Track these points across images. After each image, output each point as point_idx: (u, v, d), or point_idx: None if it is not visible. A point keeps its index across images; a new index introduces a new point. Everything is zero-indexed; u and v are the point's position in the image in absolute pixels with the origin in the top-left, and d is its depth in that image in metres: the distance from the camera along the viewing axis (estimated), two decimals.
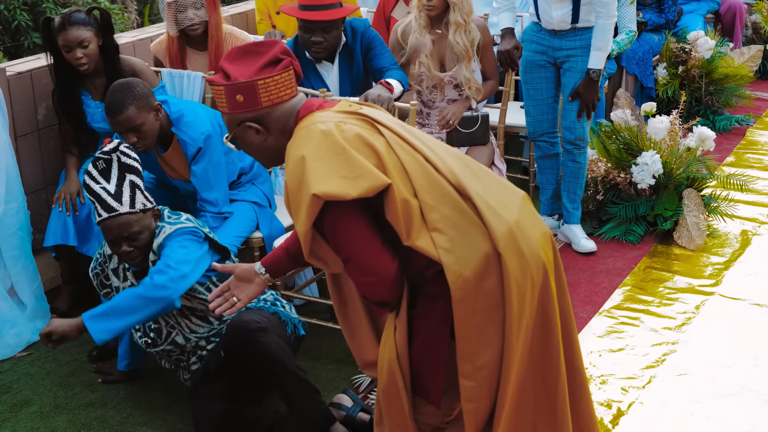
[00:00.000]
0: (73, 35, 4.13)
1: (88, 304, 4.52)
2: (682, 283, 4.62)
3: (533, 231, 2.56)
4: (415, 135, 2.60)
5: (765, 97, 7.59)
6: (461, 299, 2.45)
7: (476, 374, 2.52)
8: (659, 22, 6.69)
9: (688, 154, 5.18)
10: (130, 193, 3.35)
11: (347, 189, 2.38)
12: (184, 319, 3.49)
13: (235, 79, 2.54)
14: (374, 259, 2.46)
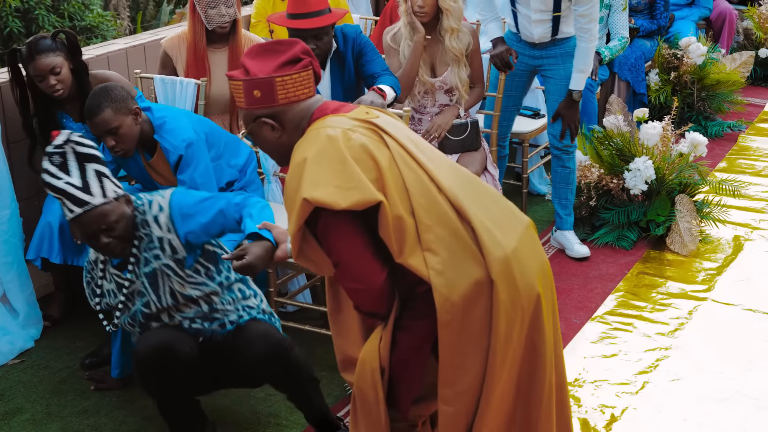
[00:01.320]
0: (43, 64, 4.06)
1: (82, 311, 4.53)
2: (675, 289, 4.63)
3: (531, 261, 2.55)
4: (423, 150, 2.60)
5: (757, 102, 7.61)
6: (447, 323, 2.45)
7: (456, 400, 2.53)
8: (651, 28, 6.71)
9: (681, 160, 5.20)
10: (98, 183, 3.17)
11: (337, 199, 2.39)
12: (173, 301, 3.36)
13: (254, 74, 2.56)
14: (363, 268, 2.47)
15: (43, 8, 8.07)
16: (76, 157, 3.17)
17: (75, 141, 3.17)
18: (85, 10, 8.39)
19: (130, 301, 3.37)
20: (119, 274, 3.35)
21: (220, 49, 4.66)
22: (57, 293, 4.53)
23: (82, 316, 4.51)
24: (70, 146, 3.16)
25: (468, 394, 2.52)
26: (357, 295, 2.52)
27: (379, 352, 2.57)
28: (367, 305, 2.54)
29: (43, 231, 4.20)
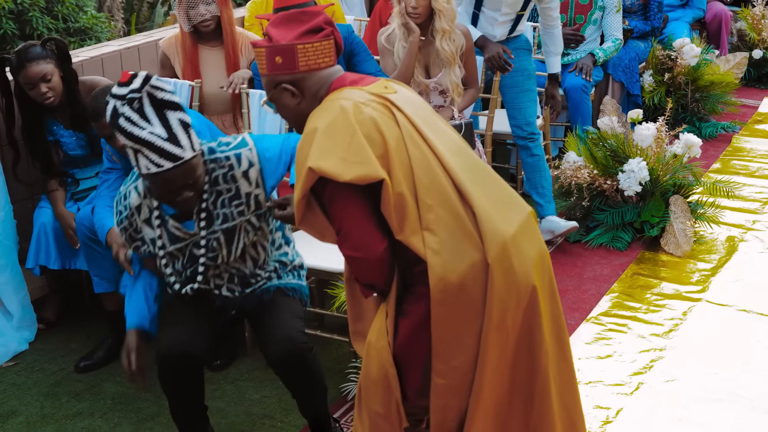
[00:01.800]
0: (34, 71, 4.02)
1: (76, 314, 4.53)
2: (670, 290, 4.63)
3: (530, 249, 2.58)
4: (434, 130, 2.63)
5: (750, 104, 7.62)
6: (440, 301, 2.50)
7: (449, 373, 2.57)
8: (645, 29, 6.72)
9: (675, 161, 5.20)
10: (185, 134, 2.94)
11: (341, 171, 2.44)
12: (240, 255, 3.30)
13: (276, 41, 2.62)
14: (364, 236, 2.51)
15: (36, 10, 8.03)
16: (155, 104, 2.92)
17: (153, 85, 2.90)
18: (79, 11, 8.35)
19: (182, 252, 3.23)
20: (179, 227, 3.18)
21: (214, 47, 4.66)
22: (51, 296, 4.52)
23: (76, 319, 4.51)
24: (147, 90, 2.90)
25: (462, 369, 2.56)
26: (356, 264, 2.56)
27: (387, 329, 2.62)
28: (366, 275, 2.58)
29: (39, 238, 4.21)
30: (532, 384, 2.63)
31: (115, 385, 3.98)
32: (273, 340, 3.24)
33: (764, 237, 5.17)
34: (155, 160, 2.89)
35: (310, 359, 3.28)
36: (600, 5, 6.06)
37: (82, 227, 4.07)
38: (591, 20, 6.11)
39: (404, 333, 2.61)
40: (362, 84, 2.66)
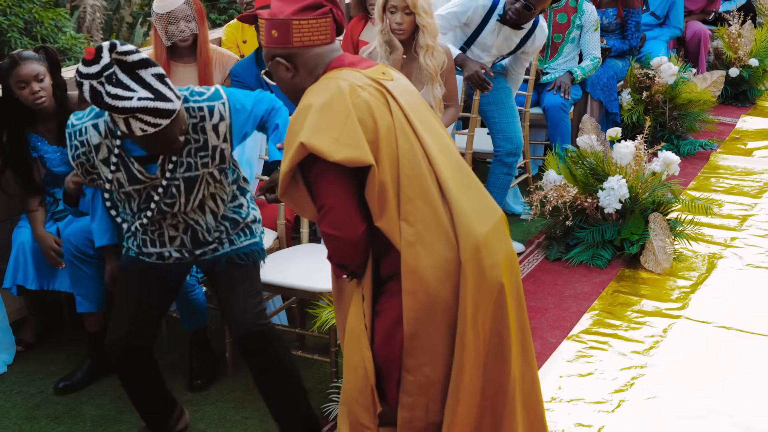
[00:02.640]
0: (27, 69, 4.02)
1: (56, 335, 4.49)
2: (650, 307, 4.65)
3: (499, 250, 2.63)
4: (425, 124, 2.66)
5: (727, 121, 7.68)
6: (412, 292, 2.54)
7: (417, 370, 2.60)
8: (623, 48, 6.77)
9: (654, 179, 5.23)
10: (166, 86, 2.99)
11: (331, 150, 2.47)
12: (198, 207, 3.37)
13: (273, 14, 2.65)
14: (344, 216, 2.55)
15: (15, 31, 8.04)
16: (127, 70, 2.95)
17: (119, 52, 2.92)
18: (58, 32, 8.36)
19: (139, 194, 3.27)
20: (142, 170, 3.23)
21: (188, 64, 4.67)
22: (30, 317, 4.48)
23: (55, 341, 4.48)
24: (114, 58, 2.93)
25: (430, 366, 2.60)
26: (332, 242, 2.60)
27: (363, 311, 2.65)
28: (340, 255, 2.62)
29: (17, 258, 4.17)
30: (501, 390, 2.66)
31: (95, 408, 3.95)
32: (233, 323, 3.39)
33: (743, 254, 5.20)
34: (151, 121, 2.96)
35: (273, 340, 3.36)
36: (578, 24, 6.11)
37: (69, 245, 4.03)
38: (569, 39, 6.15)
39: (381, 332, 2.64)
40: (361, 66, 2.68)
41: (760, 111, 8.04)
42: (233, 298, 3.43)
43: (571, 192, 5.20)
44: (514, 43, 5.23)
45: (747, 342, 4.27)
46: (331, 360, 3.87)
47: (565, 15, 6.11)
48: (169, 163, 3.22)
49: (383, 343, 2.65)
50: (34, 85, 4.03)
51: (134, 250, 3.47)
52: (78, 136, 3.24)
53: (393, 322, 2.61)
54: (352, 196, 2.55)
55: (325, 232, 2.59)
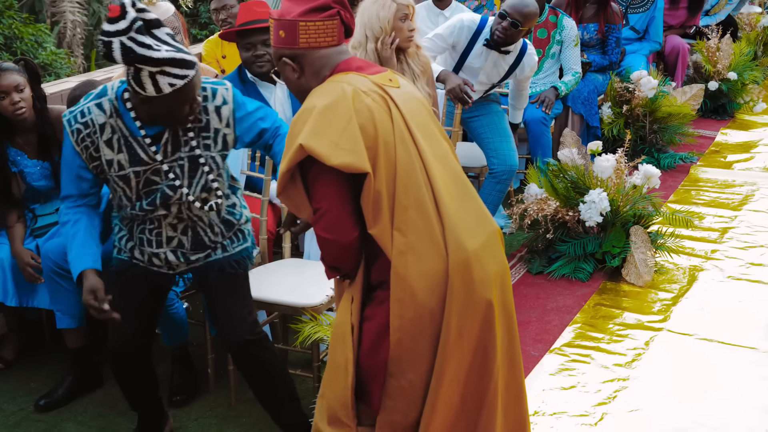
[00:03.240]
0: (8, 80, 4.01)
1: (36, 353, 4.46)
2: (632, 320, 4.66)
3: (491, 266, 2.65)
4: (425, 133, 2.68)
5: (707, 134, 7.73)
6: (399, 299, 2.57)
7: (401, 375, 2.63)
8: (603, 63, 6.81)
9: (634, 192, 5.25)
10: (179, 43, 3.03)
11: (329, 154, 2.49)
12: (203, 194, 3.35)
13: (281, 15, 2.66)
14: (338, 220, 2.57)
15: None
16: (149, 28, 2.96)
17: (140, 8, 2.94)
18: (38, 48, 8.31)
19: (139, 177, 3.24)
20: (146, 148, 3.20)
21: None
22: (10, 334, 4.45)
23: (36, 358, 4.45)
24: (141, 17, 2.94)
25: (410, 374, 2.62)
26: (326, 245, 2.62)
27: (350, 311, 2.68)
28: (332, 257, 2.64)
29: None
30: (480, 402, 2.69)
31: (76, 425, 3.92)
32: (225, 334, 3.43)
33: (724, 266, 5.23)
34: (179, 73, 2.96)
35: (262, 348, 3.42)
36: (558, 39, 6.14)
37: (48, 260, 4.00)
38: (549, 54, 6.18)
39: (368, 339, 2.67)
40: (368, 71, 2.69)
41: (739, 124, 8.10)
42: (226, 308, 3.45)
43: (552, 205, 5.22)
44: (503, 70, 5.29)
45: (729, 354, 4.29)
46: (314, 375, 3.86)
47: (545, 30, 6.14)
48: (172, 143, 3.21)
49: (370, 349, 2.67)
50: (14, 96, 4.02)
51: (126, 252, 3.43)
52: (80, 118, 3.18)
53: (381, 330, 2.63)
54: (348, 200, 2.57)
55: (319, 234, 2.61)
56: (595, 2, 6.75)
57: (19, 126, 4.10)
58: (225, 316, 3.45)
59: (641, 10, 7.58)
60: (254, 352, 3.43)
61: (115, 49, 2.91)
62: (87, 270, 3.22)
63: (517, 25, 4.98)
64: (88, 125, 3.18)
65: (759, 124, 8.08)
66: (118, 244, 3.45)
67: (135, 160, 3.21)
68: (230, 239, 3.50)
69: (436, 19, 6.16)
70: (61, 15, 12.91)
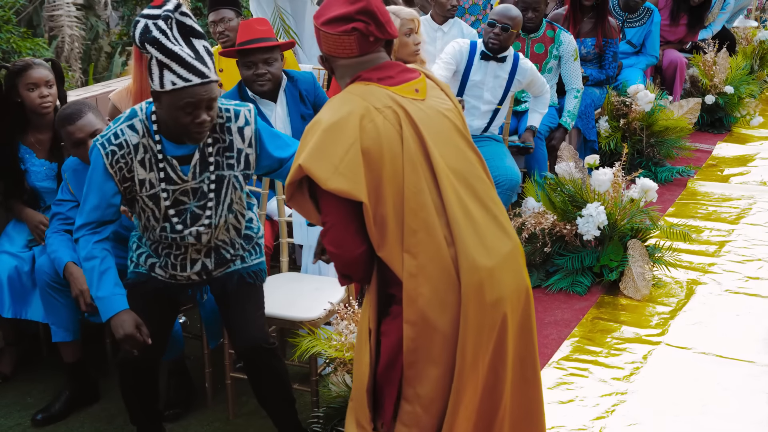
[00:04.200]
0: (39, 74, 4.16)
1: (33, 366, 4.45)
2: (629, 333, 4.66)
3: (507, 281, 2.62)
4: (447, 149, 2.64)
5: (704, 148, 7.74)
6: (412, 322, 2.56)
7: (416, 400, 2.61)
8: (600, 78, 6.82)
9: (632, 206, 5.26)
10: (210, 59, 3.13)
11: (327, 178, 2.49)
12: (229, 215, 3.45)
13: (315, 17, 2.69)
14: (344, 236, 2.58)
15: None
16: (182, 30, 3.10)
17: (183, 12, 3.09)
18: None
19: (169, 196, 3.30)
20: (177, 168, 3.29)
21: None
22: (7, 348, 4.44)
23: (33, 372, 4.44)
24: (177, 16, 3.08)
25: (425, 399, 2.61)
26: (333, 257, 2.64)
27: (368, 316, 2.71)
28: (340, 267, 2.66)
29: None
30: (490, 423, 2.68)
31: None
32: (240, 339, 3.46)
33: (721, 279, 5.23)
34: (183, 74, 3.03)
35: (274, 357, 3.47)
36: (555, 54, 6.16)
37: (43, 274, 4.00)
38: (546, 69, 6.19)
39: (385, 355, 2.67)
40: (393, 82, 2.66)
41: (736, 138, 8.11)
42: (243, 315, 3.51)
43: (550, 219, 5.22)
44: (504, 80, 5.38)
45: (727, 368, 4.29)
46: (311, 389, 3.86)
47: (542, 45, 6.16)
48: (200, 163, 3.29)
49: (386, 366, 2.68)
50: (44, 90, 4.15)
51: (145, 267, 3.51)
52: (113, 140, 3.24)
53: (394, 347, 2.64)
54: (353, 217, 2.56)
55: (327, 247, 2.63)
56: (593, 17, 6.77)
57: (38, 122, 4.20)
58: (241, 323, 3.50)
59: (638, 24, 7.61)
60: (267, 360, 3.47)
61: (138, 27, 3.05)
62: (124, 310, 3.28)
63: (507, 28, 5.28)
64: (122, 146, 3.24)
65: (756, 137, 8.10)
66: (136, 259, 3.53)
67: (165, 179, 3.29)
68: (249, 252, 3.60)
69: (434, 34, 6.18)
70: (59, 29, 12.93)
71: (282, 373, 3.54)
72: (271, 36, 4.48)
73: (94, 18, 14.73)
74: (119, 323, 3.23)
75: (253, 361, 3.49)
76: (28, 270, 4.15)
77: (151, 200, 3.30)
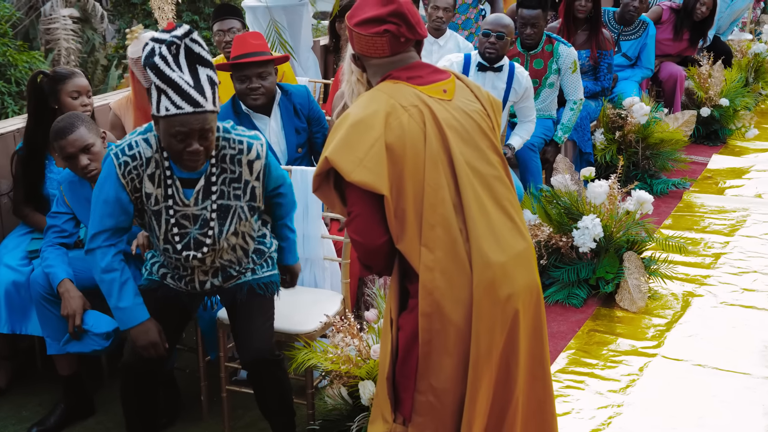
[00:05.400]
0: (83, 82, 4.25)
1: (28, 380, 4.44)
2: (626, 345, 4.66)
3: (520, 279, 2.70)
4: (468, 150, 2.71)
5: (700, 160, 7.76)
6: (428, 314, 2.63)
7: (429, 392, 2.68)
8: (595, 89, 6.84)
9: (628, 218, 5.26)
10: (211, 90, 3.12)
11: (351, 170, 2.57)
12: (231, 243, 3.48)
13: (348, 17, 2.76)
14: (368, 225, 2.64)
15: None
16: (189, 56, 3.10)
17: (193, 38, 3.11)
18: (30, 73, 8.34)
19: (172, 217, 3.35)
20: (180, 191, 3.33)
21: None
22: (2, 361, 4.43)
23: (28, 385, 4.42)
24: (186, 42, 3.10)
25: (439, 392, 2.67)
26: (356, 246, 2.70)
27: (390, 306, 2.78)
28: (363, 257, 2.73)
29: None
30: (502, 416, 2.75)
31: None
32: (246, 350, 3.47)
33: (717, 291, 5.23)
34: (177, 101, 3.05)
35: (279, 369, 3.50)
36: (555, 69, 6.17)
37: (37, 286, 3.99)
38: (546, 84, 6.21)
39: (402, 348, 2.73)
40: (423, 81, 2.75)
41: (731, 150, 8.13)
42: (251, 325, 3.53)
43: (546, 231, 5.23)
44: (502, 90, 5.40)
45: (723, 380, 4.29)
46: (307, 402, 3.85)
47: (541, 61, 6.17)
48: (204, 190, 3.32)
49: (403, 358, 2.73)
50: (85, 98, 4.24)
51: (157, 275, 3.56)
52: (127, 151, 3.27)
53: (410, 339, 2.70)
54: (377, 208, 2.63)
55: (351, 236, 2.69)
56: (587, 29, 6.79)
57: None
58: (249, 333, 3.51)
59: (633, 37, 7.63)
60: (273, 371, 3.49)
61: (146, 49, 3.10)
62: (148, 319, 3.38)
63: (502, 36, 5.35)
64: (135, 158, 3.27)
65: (751, 150, 8.12)
66: (149, 267, 3.58)
67: (169, 198, 3.32)
68: (260, 265, 3.62)
69: (430, 47, 6.20)
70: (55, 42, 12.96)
71: (286, 385, 3.56)
72: (265, 50, 4.48)
73: (90, 31, 14.76)
74: (143, 331, 3.35)
75: (258, 372, 3.49)
76: (27, 283, 4.12)
77: (155, 216, 3.33)
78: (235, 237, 3.44)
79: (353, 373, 3.54)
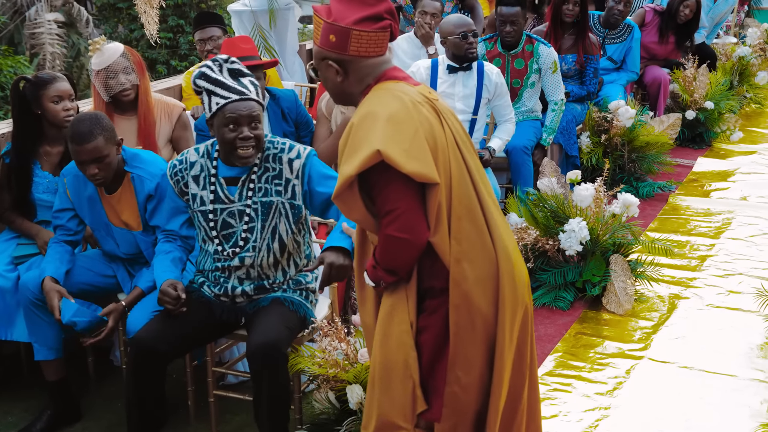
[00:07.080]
0: (65, 86, 4.22)
1: (14, 386, 4.42)
2: (612, 348, 4.67)
3: (523, 272, 2.78)
4: (466, 147, 2.75)
5: (685, 163, 7.78)
6: (457, 306, 2.63)
7: (457, 382, 2.68)
8: (581, 93, 6.86)
9: (614, 221, 5.27)
10: (254, 87, 3.54)
11: (403, 162, 2.52)
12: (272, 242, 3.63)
13: (335, 19, 2.66)
14: (415, 222, 2.60)
15: None
16: (231, 72, 3.54)
17: (232, 61, 3.56)
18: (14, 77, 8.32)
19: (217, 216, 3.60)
20: (225, 188, 3.61)
21: (130, 117, 4.62)
22: None
23: (14, 391, 4.41)
24: (227, 65, 3.55)
25: (465, 380, 2.68)
26: (397, 246, 2.62)
27: (408, 309, 2.70)
28: (397, 259, 2.64)
29: None
30: (517, 403, 2.80)
31: None
32: (257, 334, 3.47)
33: (703, 294, 5.25)
34: (223, 94, 3.46)
35: (282, 369, 3.48)
36: (535, 69, 6.19)
37: (26, 291, 3.98)
38: (527, 84, 6.23)
39: (427, 350, 2.71)
40: (411, 83, 2.74)
41: (716, 153, 8.16)
42: (266, 318, 3.56)
43: (533, 234, 5.23)
44: (474, 86, 5.37)
45: (709, 381, 4.30)
46: (295, 407, 3.85)
47: (522, 61, 6.19)
48: (247, 188, 3.58)
49: (431, 360, 2.71)
50: (67, 103, 4.21)
51: (196, 284, 3.73)
52: (179, 157, 3.69)
53: (439, 340, 2.70)
54: (420, 203, 2.62)
55: (392, 235, 2.60)
56: (573, 33, 6.81)
57: (53, 135, 4.25)
58: (264, 323, 3.52)
59: (619, 41, 7.66)
60: (276, 366, 3.46)
61: (194, 75, 3.54)
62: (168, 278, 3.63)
63: (476, 34, 5.41)
64: (182, 161, 3.67)
65: (736, 152, 8.15)
66: (191, 276, 3.83)
67: (215, 198, 3.60)
68: (294, 291, 3.73)
69: (418, 52, 6.21)
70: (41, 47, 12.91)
71: (285, 385, 3.52)
72: (254, 54, 4.49)
73: (75, 35, 14.71)
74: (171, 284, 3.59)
75: (263, 358, 3.44)
76: (12, 289, 4.11)
77: (202, 216, 3.61)
78: (275, 242, 3.60)
79: (341, 377, 3.54)
